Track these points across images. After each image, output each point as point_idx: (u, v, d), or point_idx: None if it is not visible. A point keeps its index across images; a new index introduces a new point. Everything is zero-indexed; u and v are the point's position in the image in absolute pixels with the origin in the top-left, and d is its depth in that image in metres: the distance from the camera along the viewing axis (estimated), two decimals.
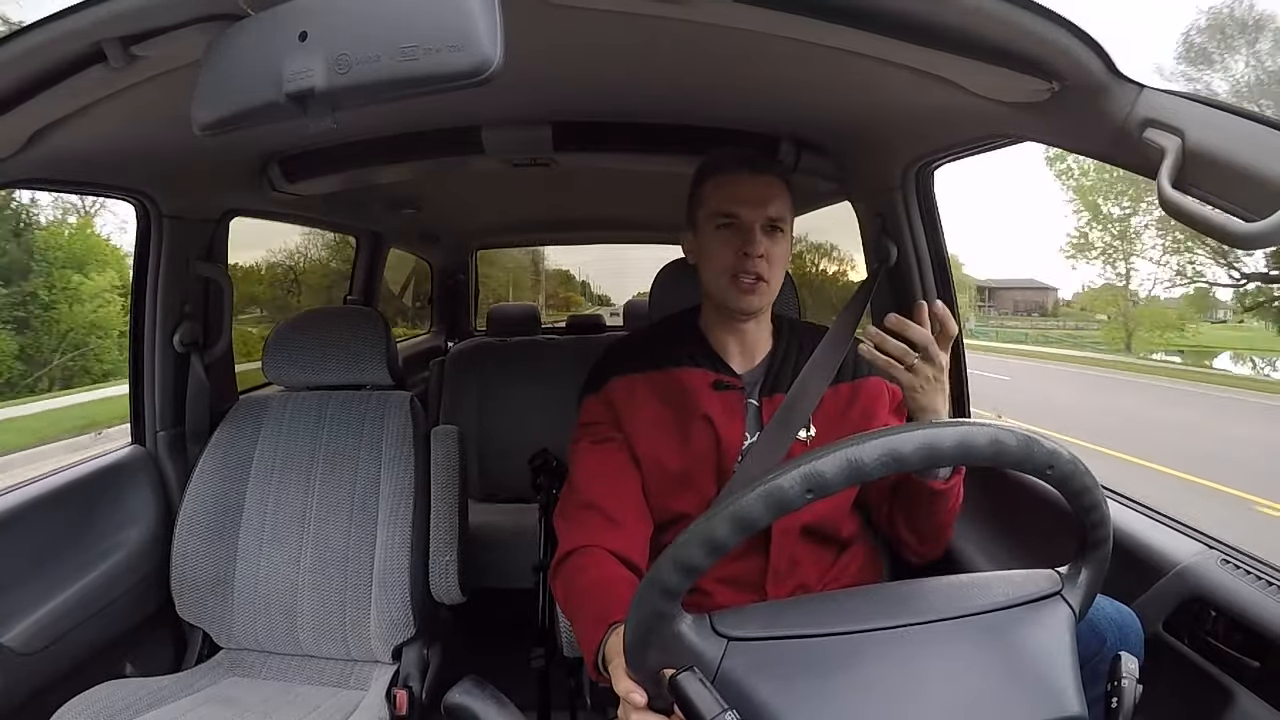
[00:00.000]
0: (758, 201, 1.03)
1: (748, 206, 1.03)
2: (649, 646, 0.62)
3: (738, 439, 1.06)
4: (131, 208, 1.47)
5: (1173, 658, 0.95)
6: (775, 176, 1.06)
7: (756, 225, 1.03)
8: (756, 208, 1.03)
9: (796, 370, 1.09)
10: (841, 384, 1.10)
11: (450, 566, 1.42)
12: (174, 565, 1.41)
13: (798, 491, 0.56)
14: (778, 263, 1.05)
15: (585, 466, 1.06)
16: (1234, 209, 0.66)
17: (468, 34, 0.54)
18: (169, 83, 0.79)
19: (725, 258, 1.04)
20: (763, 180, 1.05)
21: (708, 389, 1.07)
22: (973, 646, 0.63)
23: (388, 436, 1.46)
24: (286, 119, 0.60)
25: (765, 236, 1.03)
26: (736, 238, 1.03)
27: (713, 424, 1.05)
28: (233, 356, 1.75)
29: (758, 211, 1.03)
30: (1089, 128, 0.79)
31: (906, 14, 0.71)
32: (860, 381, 1.11)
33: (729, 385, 1.07)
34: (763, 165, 1.07)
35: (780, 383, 1.09)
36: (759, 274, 1.03)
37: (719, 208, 1.05)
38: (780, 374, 1.10)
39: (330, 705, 1.29)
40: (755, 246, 1.02)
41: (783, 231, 1.05)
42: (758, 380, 1.10)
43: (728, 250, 1.04)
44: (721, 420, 1.05)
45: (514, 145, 1.48)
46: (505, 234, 3.62)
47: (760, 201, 1.03)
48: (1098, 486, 0.64)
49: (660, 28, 0.79)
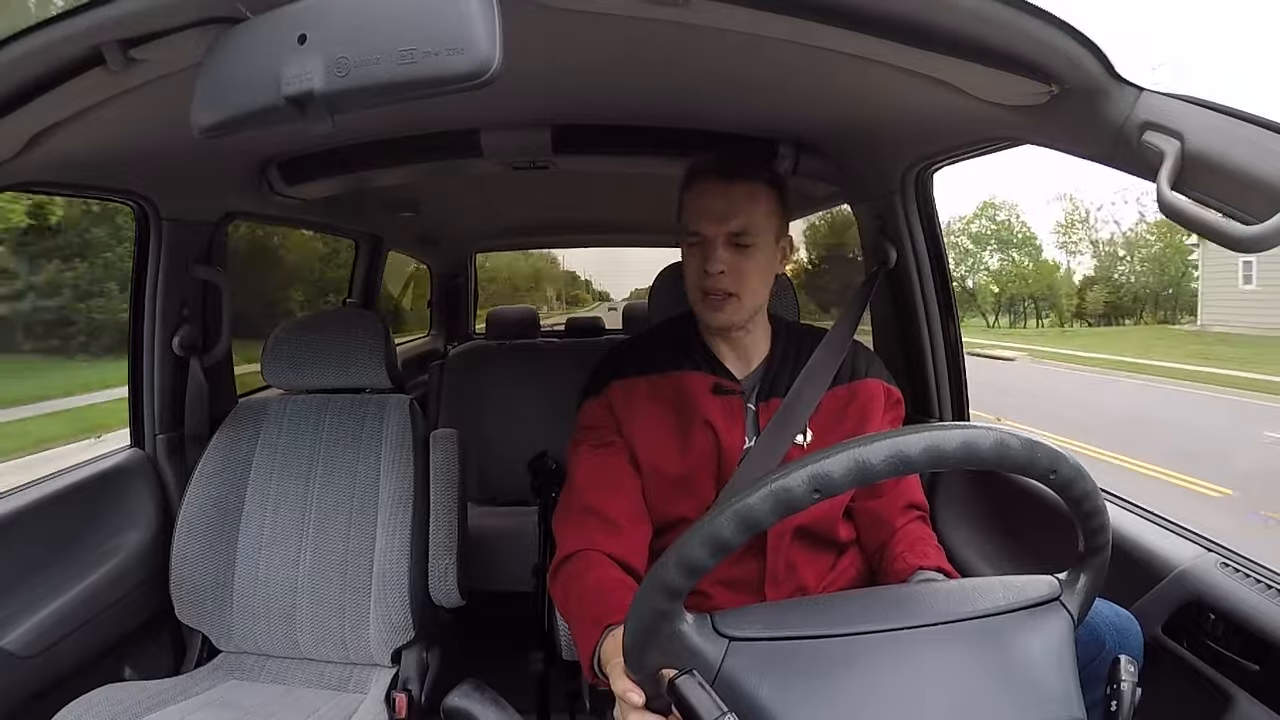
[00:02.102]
0: (720, 216, 1.02)
1: (710, 222, 1.02)
2: (650, 646, 0.62)
3: (738, 444, 1.05)
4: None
5: (1172, 661, 0.95)
6: (749, 182, 1.03)
7: (718, 241, 1.02)
8: (718, 223, 1.02)
9: (794, 374, 1.09)
10: (839, 387, 1.09)
11: (449, 570, 1.42)
12: (173, 568, 1.40)
13: (804, 491, 0.56)
14: (749, 275, 1.03)
15: (584, 470, 1.06)
16: (1233, 212, 0.66)
17: (467, 37, 0.54)
18: (168, 86, 0.79)
19: (693, 274, 1.05)
20: (734, 190, 1.02)
21: (708, 393, 1.06)
22: (973, 650, 0.63)
23: (387, 440, 1.46)
24: (285, 122, 0.60)
25: (728, 251, 1.02)
26: (700, 253, 1.03)
27: (713, 429, 1.04)
28: (232, 359, 1.75)
29: (718, 227, 1.02)
30: (1088, 131, 0.79)
31: (905, 17, 0.71)
32: (857, 384, 1.10)
33: (728, 390, 1.07)
34: (735, 172, 1.04)
35: (777, 387, 1.08)
36: (724, 289, 1.02)
37: (686, 223, 1.05)
38: (777, 378, 1.09)
39: (329, 708, 1.29)
40: (714, 263, 1.01)
41: (751, 245, 1.02)
42: (754, 385, 1.09)
43: (694, 265, 1.04)
44: (722, 425, 1.04)
45: (513, 148, 1.48)
46: (504, 237, 3.62)
47: (722, 216, 1.01)
48: (1099, 492, 0.63)
49: (659, 31, 0.79)
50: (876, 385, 1.11)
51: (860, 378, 1.11)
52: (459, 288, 3.63)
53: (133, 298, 1.53)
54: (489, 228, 3.26)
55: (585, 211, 2.79)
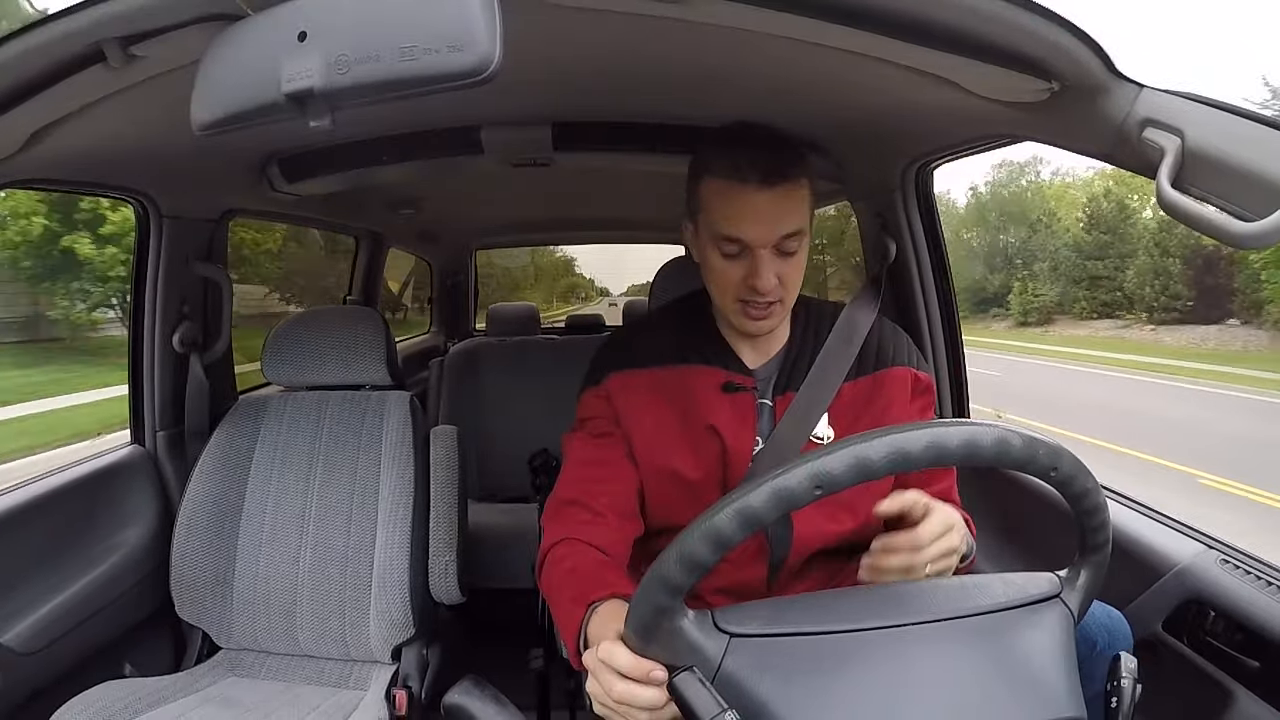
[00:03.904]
0: (768, 222, 0.87)
1: (756, 228, 0.88)
2: (650, 642, 0.62)
3: (747, 447, 0.97)
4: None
5: (1172, 658, 0.96)
6: (788, 182, 0.88)
7: (766, 250, 0.89)
8: (767, 227, 0.87)
9: (813, 360, 1.00)
10: (862, 378, 1.00)
11: (450, 566, 1.42)
12: (173, 565, 1.40)
13: (806, 488, 0.56)
14: (794, 280, 0.92)
15: (574, 462, 1.01)
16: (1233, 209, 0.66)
17: (467, 34, 0.54)
18: (168, 83, 0.79)
19: (730, 281, 0.92)
20: (778, 192, 0.87)
21: (716, 392, 0.98)
22: (973, 647, 0.63)
23: (387, 436, 1.46)
24: (286, 119, 0.60)
25: (775, 258, 0.90)
26: (743, 264, 0.90)
27: (720, 435, 0.96)
28: (232, 356, 1.75)
29: (768, 231, 0.87)
30: (1088, 128, 0.79)
31: (905, 14, 0.71)
32: (883, 373, 1.00)
33: (739, 386, 0.98)
34: (775, 174, 0.87)
35: (796, 378, 0.99)
36: (772, 299, 0.91)
37: (721, 230, 0.90)
38: (796, 368, 1.00)
39: (330, 705, 1.29)
40: (765, 278, 0.88)
41: (800, 245, 0.91)
42: (771, 375, 1.00)
43: (732, 273, 0.91)
44: (729, 429, 0.96)
45: (513, 145, 1.48)
46: (505, 234, 3.62)
47: (771, 222, 0.87)
48: (1100, 490, 0.64)
49: (659, 27, 0.79)
50: (904, 372, 1.00)
51: (886, 366, 1.00)
52: (459, 284, 3.63)
53: (133, 295, 1.53)
54: (489, 225, 3.26)
55: (586, 208, 2.79)
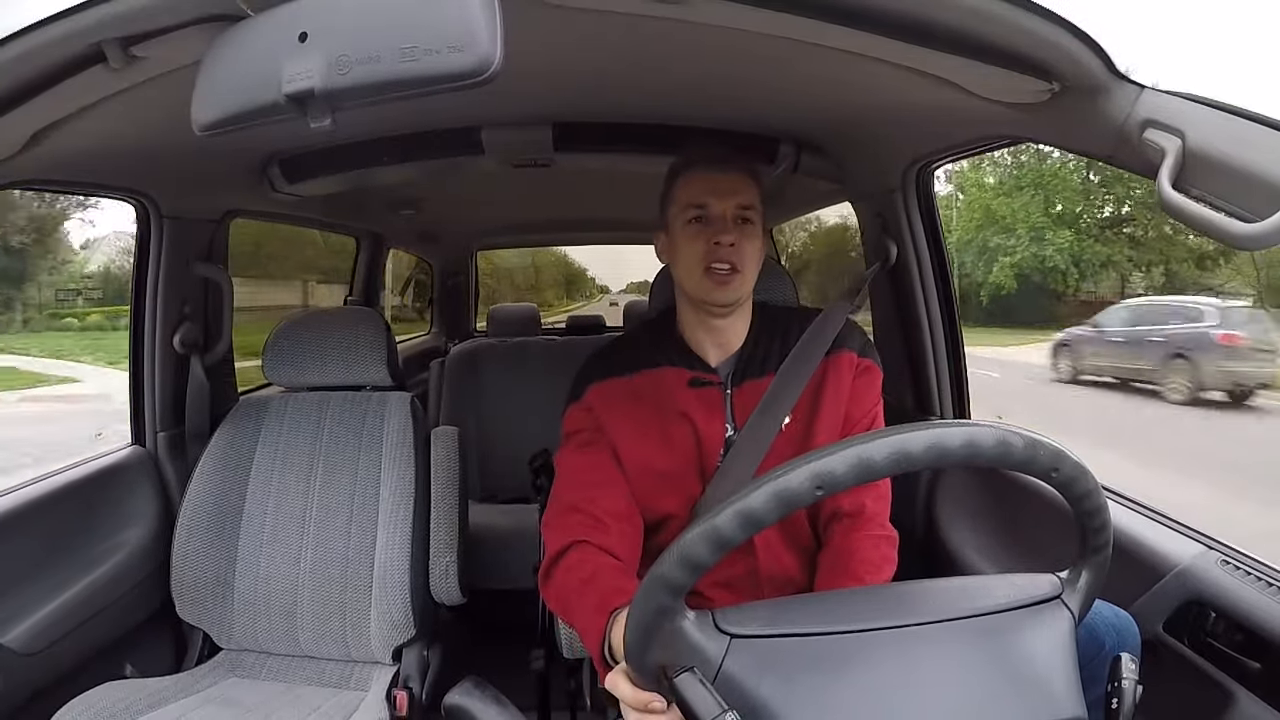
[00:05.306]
0: (726, 192, 1.03)
1: (716, 196, 1.03)
2: (651, 643, 0.62)
3: (718, 434, 1.05)
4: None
5: (1173, 659, 0.95)
6: (742, 172, 1.06)
7: (727, 214, 1.03)
8: (725, 197, 1.03)
9: (769, 356, 1.08)
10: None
11: (450, 567, 1.42)
12: (174, 566, 1.40)
13: (807, 489, 0.56)
14: (750, 254, 1.04)
15: (570, 471, 1.06)
16: (1234, 210, 0.66)
17: (468, 34, 0.54)
18: (169, 83, 0.79)
19: (696, 250, 1.04)
20: (731, 170, 1.05)
21: (684, 387, 1.06)
22: (974, 648, 0.63)
23: (388, 437, 1.46)
24: (286, 119, 0.60)
25: (736, 226, 1.03)
26: (707, 229, 1.03)
27: (692, 422, 1.04)
28: (233, 357, 1.75)
29: (727, 201, 1.03)
30: (1089, 128, 0.79)
31: (906, 15, 0.71)
32: (829, 360, 1.09)
33: (705, 381, 1.07)
34: (727, 158, 1.08)
35: (750, 370, 1.08)
36: (732, 263, 1.02)
37: (690, 200, 1.05)
38: (750, 362, 1.08)
39: (330, 706, 1.29)
40: (726, 235, 1.02)
41: (753, 223, 1.04)
42: (730, 370, 1.09)
43: (699, 242, 1.03)
44: (700, 417, 1.05)
45: (514, 146, 1.48)
46: (505, 234, 3.62)
47: (729, 192, 1.03)
48: (1100, 491, 0.63)
49: (660, 28, 0.79)
50: (846, 357, 1.09)
51: (834, 353, 1.09)
52: (460, 285, 3.63)
53: (134, 295, 1.53)
54: (490, 225, 3.26)
55: (586, 209, 2.79)
